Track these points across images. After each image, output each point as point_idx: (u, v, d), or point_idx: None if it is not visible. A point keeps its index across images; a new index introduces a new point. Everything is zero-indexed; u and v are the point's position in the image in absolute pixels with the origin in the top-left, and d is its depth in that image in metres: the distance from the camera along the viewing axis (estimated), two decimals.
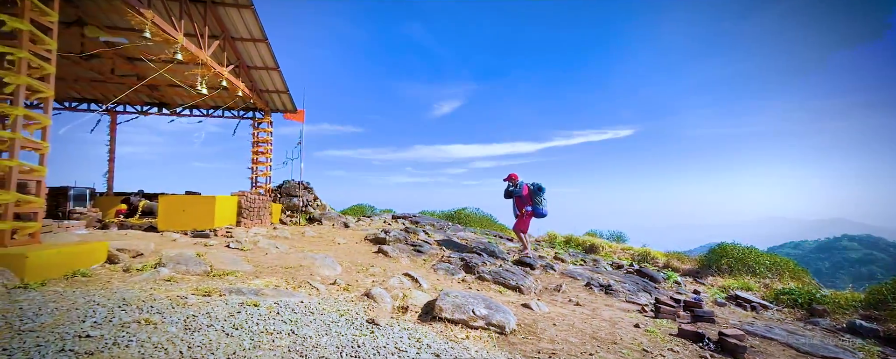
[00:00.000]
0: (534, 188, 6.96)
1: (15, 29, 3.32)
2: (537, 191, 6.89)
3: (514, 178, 7.13)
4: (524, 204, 7.00)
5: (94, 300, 2.36)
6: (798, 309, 5.79)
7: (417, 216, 14.17)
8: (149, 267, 3.70)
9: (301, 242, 6.58)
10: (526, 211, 6.99)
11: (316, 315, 2.77)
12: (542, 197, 6.94)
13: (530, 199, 6.96)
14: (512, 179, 7.15)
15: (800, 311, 5.68)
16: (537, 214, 6.99)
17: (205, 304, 2.62)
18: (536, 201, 6.91)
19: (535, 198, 6.90)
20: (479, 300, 3.44)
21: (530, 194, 6.97)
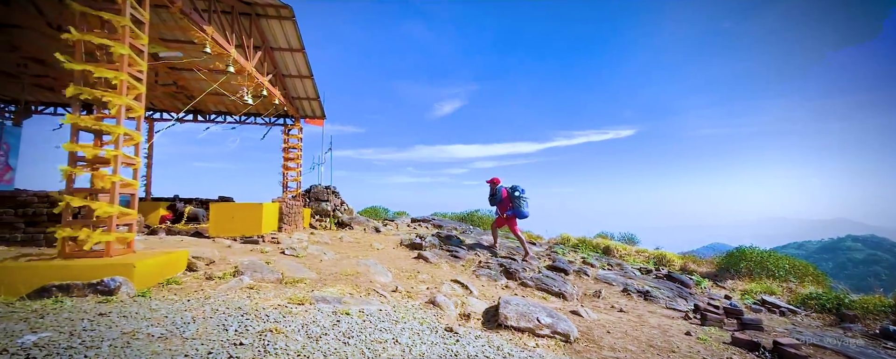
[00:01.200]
0: (512, 191, 7.26)
1: (117, 54, 3.53)
2: (515, 196, 7.20)
3: (495, 182, 7.48)
4: (506, 207, 7.28)
5: (217, 309, 2.56)
6: (826, 314, 5.90)
7: (436, 219, 14.36)
8: (228, 275, 3.91)
9: (343, 248, 6.78)
10: (508, 214, 7.29)
11: (401, 323, 2.96)
12: (521, 199, 7.21)
13: (510, 202, 7.21)
14: (493, 183, 7.49)
15: (828, 316, 5.79)
16: (519, 215, 7.27)
17: (305, 312, 2.82)
18: (517, 204, 7.18)
19: (515, 201, 7.17)
20: (540, 309, 3.62)
21: (509, 198, 7.24)
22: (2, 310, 2.42)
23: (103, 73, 3.52)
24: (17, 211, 5.19)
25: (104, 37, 3.57)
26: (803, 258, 14.03)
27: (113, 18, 3.58)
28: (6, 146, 7.44)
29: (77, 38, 3.48)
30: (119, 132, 3.57)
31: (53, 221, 5.22)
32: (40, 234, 5.24)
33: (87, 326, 2.12)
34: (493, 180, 7.50)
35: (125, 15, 3.64)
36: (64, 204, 3.43)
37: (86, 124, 3.50)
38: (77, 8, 3.51)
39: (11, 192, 5.23)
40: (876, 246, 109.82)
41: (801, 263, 11.22)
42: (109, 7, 3.62)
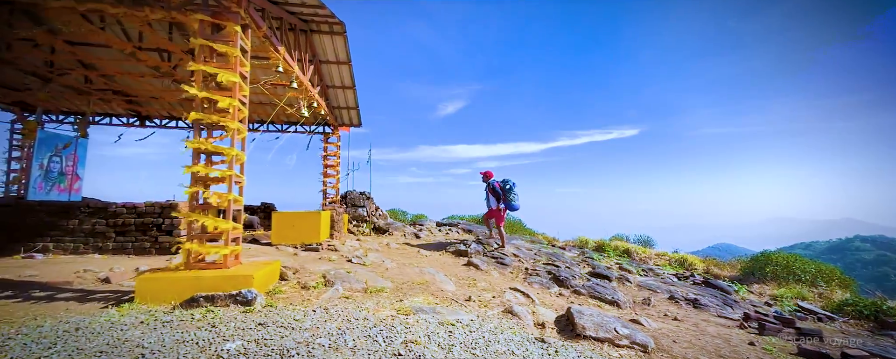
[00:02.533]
0: (504, 185, 7.70)
1: (230, 81, 3.85)
2: (507, 189, 7.68)
3: (488, 175, 7.96)
4: (498, 200, 7.72)
5: (349, 319, 2.86)
6: (864, 321, 6.06)
7: (462, 223, 14.64)
8: (321, 285, 4.23)
9: (395, 255, 7.08)
10: (501, 207, 7.74)
11: (502, 334, 3.23)
12: (513, 193, 7.62)
13: (504, 195, 7.61)
14: (486, 175, 7.96)
15: (866, 323, 5.95)
16: (510, 208, 7.76)
17: (417, 323, 3.11)
18: (509, 198, 7.62)
19: (507, 194, 7.56)
20: (613, 319, 3.88)
21: (503, 191, 7.69)
22: (175, 317, 2.74)
23: (219, 99, 3.83)
24: (108, 221, 5.57)
25: (219, 66, 3.89)
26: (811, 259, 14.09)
27: (227, 50, 3.90)
28: (75, 157, 7.84)
29: (197, 68, 3.81)
30: (233, 154, 3.89)
31: (140, 231, 5.60)
32: (129, 243, 5.62)
33: (264, 336, 2.42)
34: (487, 173, 7.96)
35: (236, 46, 3.96)
36: (189, 220, 3.75)
37: (205, 147, 3.83)
38: (198, 41, 3.83)
39: (104, 203, 5.60)
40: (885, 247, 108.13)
41: (828, 266, 11.27)
42: (223, 39, 3.94)
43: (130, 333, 2.48)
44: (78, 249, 5.49)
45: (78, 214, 5.52)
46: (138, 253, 5.60)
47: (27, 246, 5.36)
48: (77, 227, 5.50)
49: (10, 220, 5.41)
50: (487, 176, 8.00)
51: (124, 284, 4.14)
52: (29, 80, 6.89)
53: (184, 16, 3.99)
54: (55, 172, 7.51)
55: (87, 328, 2.57)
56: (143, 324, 2.69)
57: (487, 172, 8.01)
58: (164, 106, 10.14)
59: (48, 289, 3.87)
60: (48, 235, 5.45)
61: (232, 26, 3.97)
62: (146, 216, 5.65)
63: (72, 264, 4.87)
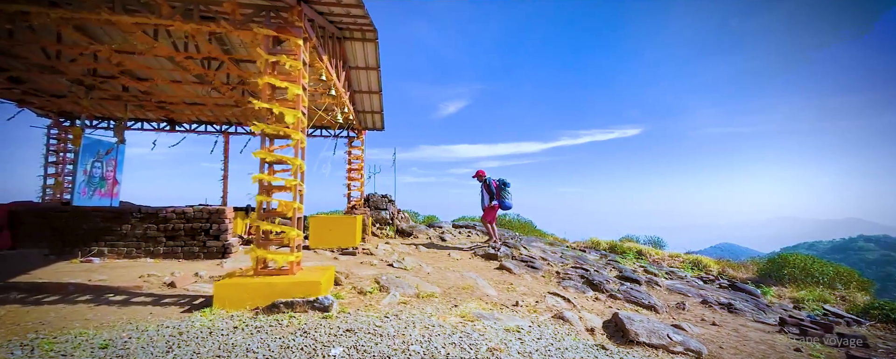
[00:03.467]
0: (500, 183, 7.96)
1: (293, 94, 3.99)
2: (503, 186, 7.96)
3: (481, 174, 8.20)
4: (492, 198, 7.95)
5: (426, 326, 2.99)
6: (892, 324, 6.13)
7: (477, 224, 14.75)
8: (376, 290, 4.36)
9: (428, 259, 7.21)
10: (494, 204, 8.00)
11: (564, 341, 3.35)
12: (507, 191, 7.92)
13: (498, 193, 7.82)
14: (480, 175, 8.18)
15: (894, 327, 6.03)
16: (503, 206, 8.03)
17: (486, 329, 3.24)
18: (503, 195, 7.88)
19: (502, 192, 7.77)
20: (665, 325, 3.98)
21: (497, 189, 7.92)
22: (264, 323, 2.88)
23: (285, 111, 3.97)
24: (158, 226, 5.73)
25: (284, 80, 4.03)
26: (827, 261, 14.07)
27: (292, 63, 4.03)
28: (114, 162, 8.03)
29: (264, 82, 3.95)
30: (298, 163, 4.03)
31: (189, 236, 5.76)
32: (178, 247, 5.78)
33: (359, 342, 2.56)
34: (480, 173, 8.18)
35: (299, 59, 4.10)
36: (259, 228, 3.89)
37: (271, 158, 3.97)
38: (266, 56, 3.97)
39: (155, 209, 5.76)
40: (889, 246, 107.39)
41: (846, 269, 11.29)
42: (287, 52, 4.08)
43: (233, 338, 2.62)
44: (130, 254, 5.65)
45: (130, 220, 5.68)
46: (187, 257, 5.76)
47: (83, 250, 5.52)
48: (130, 231, 5.67)
49: (67, 224, 5.58)
50: (481, 175, 8.24)
51: (189, 288, 4.29)
52: (74, 87, 7.06)
53: (248, 31, 4.14)
54: (97, 177, 7.70)
55: (189, 333, 2.71)
56: (237, 329, 2.83)
57: (481, 171, 8.23)
58: (194, 111, 10.33)
59: (121, 293, 4.02)
60: (103, 239, 5.61)
61: (295, 40, 4.11)
62: (195, 221, 5.81)
63: (132, 269, 5.03)
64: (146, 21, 3.97)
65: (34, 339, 2.62)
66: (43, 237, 5.51)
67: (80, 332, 2.76)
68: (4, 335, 2.74)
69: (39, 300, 3.75)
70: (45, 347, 2.46)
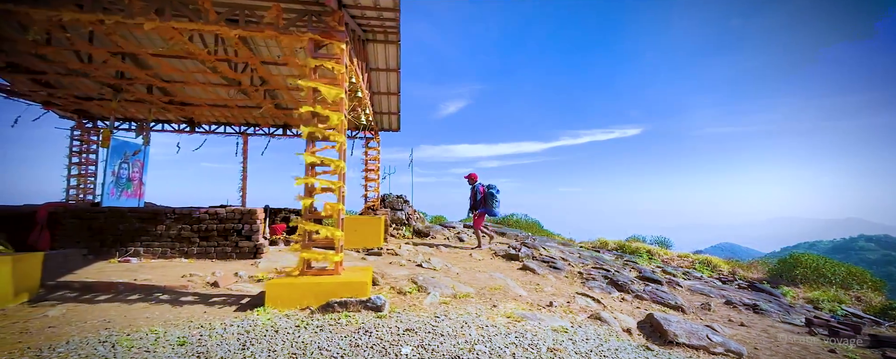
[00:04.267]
0: (488, 190, 7.84)
1: (338, 97, 4.06)
2: (491, 195, 7.85)
3: (473, 177, 8.12)
4: (480, 204, 7.88)
5: (481, 327, 3.06)
6: None
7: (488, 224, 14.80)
8: (414, 290, 4.43)
9: (452, 259, 7.27)
10: (480, 211, 7.96)
11: (610, 341, 3.41)
12: (495, 200, 7.81)
13: (484, 200, 7.77)
14: (471, 178, 8.11)
15: None
16: (491, 214, 7.98)
17: (535, 329, 3.30)
18: (490, 204, 7.81)
19: (489, 200, 7.71)
20: (702, 326, 4.04)
21: (485, 197, 7.83)
22: (325, 322, 2.95)
23: (329, 114, 4.04)
24: (192, 227, 5.81)
25: (328, 84, 4.09)
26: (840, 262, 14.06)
27: (336, 67, 4.10)
28: (140, 163, 8.11)
29: (310, 86, 4.02)
30: (342, 165, 4.10)
31: (222, 237, 5.84)
32: (212, 247, 5.86)
33: (425, 342, 2.63)
34: (472, 176, 8.09)
35: (342, 63, 4.16)
36: (304, 229, 3.97)
37: (317, 160, 4.04)
38: (312, 62, 4.04)
39: (188, 210, 5.84)
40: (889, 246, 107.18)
41: (858, 269, 11.30)
42: (332, 56, 4.15)
43: (300, 336, 2.69)
44: (165, 254, 5.73)
45: (165, 220, 5.76)
46: (220, 257, 5.83)
47: (120, 250, 5.60)
48: (164, 232, 5.75)
49: (104, 225, 5.66)
50: (473, 179, 8.17)
51: (232, 288, 4.36)
52: (104, 90, 7.14)
53: (292, 36, 4.20)
54: (124, 178, 7.79)
55: (256, 331, 2.78)
56: (299, 328, 2.90)
57: (472, 174, 8.17)
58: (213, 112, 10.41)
59: (169, 292, 4.10)
60: (139, 239, 5.69)
61: (338, 44, 4.17)
62: (227, 222, 5.89)
63: (170, 268, 5.11)
64: (193, 27, 4.04)
65: (109, 336, 2.70)
66: (81, 238, 5.59)
67: (151, 329, 2.83)
68: (77, 333, 2.81)
69: (93, 299, 3.83)
70: (125, 344, 2.53)
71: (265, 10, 4.26)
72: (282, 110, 10.07)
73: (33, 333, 2.82)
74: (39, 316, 3.23)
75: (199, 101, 8.51)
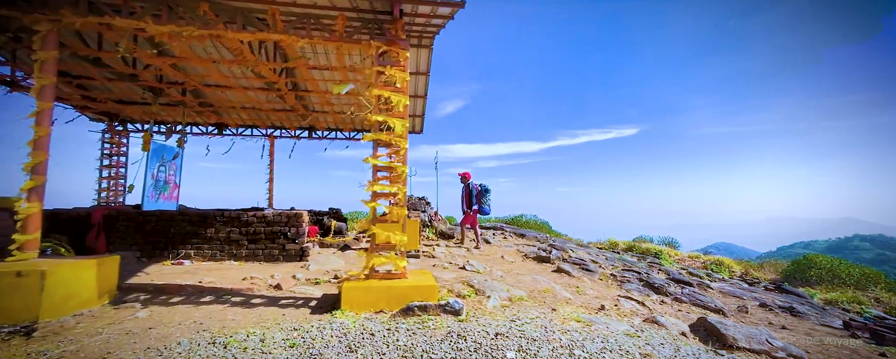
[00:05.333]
0: (481, 189, 7.96)
1: (402, 104, 4.13)
2: (484, 192, 7.99)
3: (467, 176, 8.25)
4: (473, 203, 7.98)
5: (565, 331, 3.13)
6: None
7: (508, 227, 14.88)
8: (472, 294, 4.49)
9: (484, 260, 7.34)
10: (474, 209, 8.05)
11: (685, 347, 3.48)
12: (487, 198, 7.94)
13: (477, 198, 7.87)
14: (465, 177, 8.24)
15: None
16: (482, 212, 8.09)
17: (610, 334, 3.37)
18: (483, 202, 7.90)
19: (482, 198, 7.80)
20: (760, 330, 4.10)
21: (478, 195, 7.94)
22: (414, 326, 3.01)
23: (395, 122, 4.11)
24: (240, 230, 5.87)
25: (392, 91, 4.16)
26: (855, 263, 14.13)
27: (400, 75, 4.17)
28: (174, 166, 8.16)
29: (376, 94, 4.09)
30: (404, 170, 4.16)
31: (269, 240, 5.89)
32: (259, 250, 5.92)
33: (522, 345, 2.70)
34: (465, 175, 8.18)
35: (407, 70, 4.23)
36: (372, 233, 4.03)
37: (382, 164, 4.11)
38: (376, 68, 4.11)
39: (237, 213, 5.90)
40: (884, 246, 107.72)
41: (871, 271, 11.39)
42: (396, 64, 4.22)
43: (400, 339, 2.76)
44: (215, 256, 5.79)
45: (214, 224, 5.82)
46: (267, 260, 5.89)
47: (173, 253, 5.66)
48: (214, 235, 5.80)
49: (155, 228, 5.71)
50: (466, 177, 8.27)
51: (296, 290, 4.43)
52: (146, 94, 7.20)
53: (356, 43, 4.27)
54: (162, 181, 7.84)
55: (352, 333, 2.85)
56: (390, 331, 2.98)
57: (466, 173, 8.28)
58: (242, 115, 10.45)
59: (237, 294, 4.16)
60: (189, 242, 5.75)
61: (403, 52, 4.24)
62: (274, 225, 5.95)
63: (225, 271, 5.17)
64: (263, 37, 4.10)
65: (213, 337, 2.76)
66: (134, 240, 5.65)
67: (249, 331, 2.89)
68: (181, 334, 2.87)
69: (167, 301, 3.89)
70: (235, 345, 2.60)
71: (331, 18, 4.32)
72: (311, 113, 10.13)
73: (138, 334, 2.88)
74: (130, 317, 3.29)
75: (232, 104, 8.56)
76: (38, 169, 3.36)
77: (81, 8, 3.60)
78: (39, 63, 3.38)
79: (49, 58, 3.43)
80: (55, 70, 3.47)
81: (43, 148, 3.40)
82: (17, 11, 3.37)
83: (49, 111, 3.45)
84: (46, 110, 3.42)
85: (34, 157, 3.36)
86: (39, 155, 3.37)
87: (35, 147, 3.37)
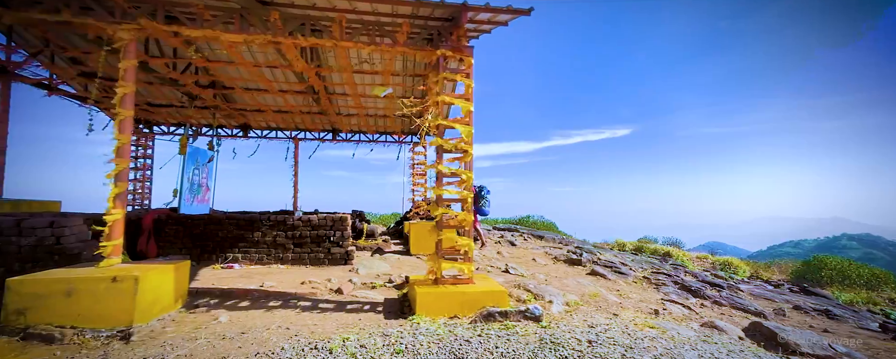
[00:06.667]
0: (479, 190, 7.94)
1: (467, 109, 4.14)
2: (483, 194, 7.96)
3: None
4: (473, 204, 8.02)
5: (648, 337, 3.15)
6: None
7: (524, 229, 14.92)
8: (531, 298, 4.51)
9: (519, 262, 7.36)
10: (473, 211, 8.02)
11: (757, 352, 3.51)
12: (486, 200, 7.95)
13: (476, 200, 7.92)
14: None
15: None
16: (480, 213, 8.06)
17: (684, 338, 3.40)
18: (480, 203, 7.93)
19: (480, 200, 7.85)
20: (819, 336, 4.13)
21: (477, 196, 7.93)
22: (504, 332, 3.02)
23: (461, 127, 4.11)
24: (287, 234, 5.84)
25: (458, 99, 4.16)
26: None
27: (466, 81, 4.17)
28: (206, 169, 8.10)
29: (439, 100, 4.09)
30: (471, 176, 4.16)
31: (314, 243, 5.87)
32: (305, 254, 5.90)
33: (627, 354, 2.71)
34: None
35: (471, 77, 4.23)
36: (439, 238, 4.03)
37: (448, 170, 4.11)
38: (442, 75, 4.11)
39: (282, 217, 5.87)
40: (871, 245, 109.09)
41: (880, 271, 11.52)
42: (462, 71, 4.22)
43: (498, 346, 2.77)
44: (261, 260, 5.76)
45: (261, 227, 5.79)
46: (314, 264, 5.88)
47: (221, 257, 5.62)
48: (261, 239, 5.78)
49: (204, 232, 5.67)
50: None
51: (357, 294, 4.42)
52: (183, 98, 7.15)
53: (420, 50, 4.27)
54: (196, 184, 7.78)
55: (448, 339, 2.86)
56: (481, 337, 2.99)
57: None
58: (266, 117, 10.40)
59: (302, 299, 4.16)
60: (237, 246, 5.72)
61: (468, 59, 4.24)
62: (319, 229, 5.93)
63: (278, 274, 5.15)
64: (330, 45, 4.09)
65: (311, 343, 2.75)
66: (184, 244, 5.61)
67: (343, 337, 2.89)
68: (276, 338, 2.86)
69: (237, 305, 3.87)
70: (337, 351, 2.60)
71: (393, 26, 4.31)
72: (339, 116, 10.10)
73: (234, 338, 2.86)
74: (213, 322, 3.28)
75: (263, 106, 8.52)
76: (120, 176, 3.33)
77: (159, 17, 3.57)
78: (122, 71, 3.35)
79: (130, 67, 3.41)
80: (134, 78, 3.45)
81: (125, 156, 3.37)
82: (103, 22, 3.35)
83: (130, 119, 3.42)
84: (128, 118, 3.40)
85: (117, 164, 3.33)
86: (122, 162, 3.35)
87: (117, 155, 3.35)
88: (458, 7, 3.97)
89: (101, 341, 2.78)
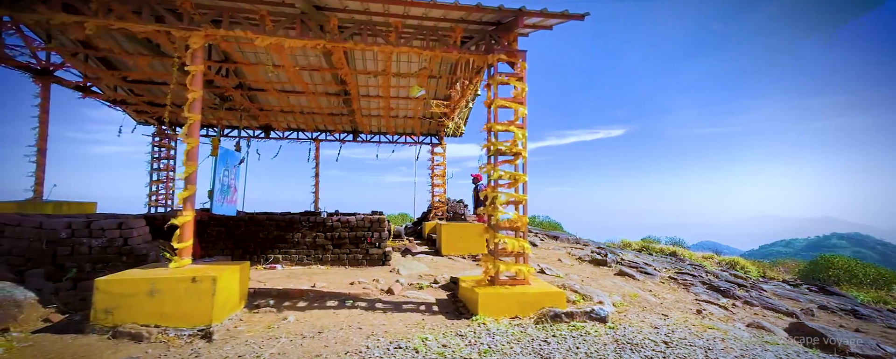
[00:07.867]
0: None
1: (522, 113, 4.14)
2: None
3: (478, 178, 8.57)
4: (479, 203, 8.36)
5: (714, 337, 3.17)
6: None
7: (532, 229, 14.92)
8: (580, 299, 4.53)
9: (552, 263, 7.37)
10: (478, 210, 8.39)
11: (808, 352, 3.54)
12: None
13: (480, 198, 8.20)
14: (476, 178, 8.57)
15: None
16: None
17: (741, 339, 3.42)
18: None
19: None
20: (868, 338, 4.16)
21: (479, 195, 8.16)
22: (577, 332, 3.04)
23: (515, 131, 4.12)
24: (326, 235, 5.83)
25: (512, 102, 4.17)
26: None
27: (520, 86, 4.18)
28: (234, 171, 8.06)
29: (497, 105, 4.10)
30: (525, 179, 4.16)
31: (353, 244, 5.87)
32: (344, 255, 5.89)
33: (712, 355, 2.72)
34: (477, 176, 8.51)
35: (525, 81, 4.23)
36: (493, 241, 4.04)
37: (500, 174, 4.11)
38: (499, 78, 4.12)
39: (322, 218, 5.86)
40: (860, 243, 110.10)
41: (886, 270, 11.62)
42: (515, 75, 4.22)
43: (579, 347, 2.79)
44: (301, 261, 5.75)
45: (301, 228, 5.78)
46: (352, 264, 5.87)
47: (264, 258, 5.60)
48: (301, 240, 5.77)
49: (245, 233, 5.65)
50: (477, 179, 8.54)
51: (408, 295, 4.42)
52: (216, 100, 7.12)
53: (472, 55, 4.28)
54: (225, 186, 7.74)
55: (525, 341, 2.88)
56: (555, 338, 3.00)
57: (478, 175, 8.50)
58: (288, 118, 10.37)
59: (356, 299, 4.16)
60: (277, 247, 5.70)
61: (523, 63, 4.24)
62: (357, 230, 5.93)
63: (322, 275, 5.15)
64: (390, 50, 4.09)
65: (393, 344, 2.74)
66: (225, 245, 5.58)
67: (421, 337, 2.91)
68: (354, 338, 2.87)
69: (295, 305, 3.86)
70: (425, 351, 2.60)
71: (447, 31, 4.31)
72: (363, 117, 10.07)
73: (312, 337, 2.86)
74: (283, 321, 3.27)
75: (290, 108, 8.50)
76: (190, 179, 3.32)
77: (224, 23, 3.56)
78: (191, 77, 3.34)
79: (198, 71, 3.40)
80: (202, 83, 3.43)
81: (194, 159, 3.36)
82: (175, 28, 3.33)
83: (198, 123, 3.41)
84: (196, 123, 3.38)
85: (187, 167, 3.31)
86: (191, 165, 3.34)
87: (187, 158, 3.34)
88: (516, 11, 3.98)
89: (185, 339, 2.77)
